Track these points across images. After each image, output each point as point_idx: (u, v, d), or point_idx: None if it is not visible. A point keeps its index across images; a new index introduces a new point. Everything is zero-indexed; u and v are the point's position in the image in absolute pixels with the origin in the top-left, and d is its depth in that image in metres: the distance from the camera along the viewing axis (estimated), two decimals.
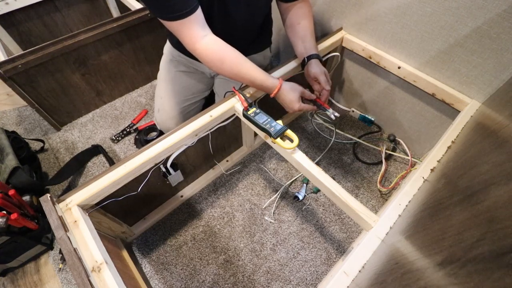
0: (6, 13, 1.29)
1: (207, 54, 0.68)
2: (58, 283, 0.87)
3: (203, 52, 0.67)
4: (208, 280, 0.86)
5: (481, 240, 0.28)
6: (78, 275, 0.52)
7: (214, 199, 1.03)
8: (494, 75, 0.73)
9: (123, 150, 1.18)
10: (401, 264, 0.41)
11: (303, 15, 0.83)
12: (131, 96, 1.38)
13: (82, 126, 1.26)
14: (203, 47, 0.67)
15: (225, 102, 0.80)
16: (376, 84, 1.06)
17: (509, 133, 0.43)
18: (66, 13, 1.49)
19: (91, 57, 1.15)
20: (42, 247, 0.89)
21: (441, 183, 0.56)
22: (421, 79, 0.87)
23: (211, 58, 0.68)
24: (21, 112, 1.31)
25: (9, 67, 0.95)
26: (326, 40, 0.99)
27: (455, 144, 0.71)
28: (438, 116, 0.93)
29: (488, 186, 0.35)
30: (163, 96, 0.99)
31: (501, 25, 0.66)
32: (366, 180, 1.06)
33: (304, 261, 0.89)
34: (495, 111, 0.63)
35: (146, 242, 0.94)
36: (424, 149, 1.05)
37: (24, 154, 1.00)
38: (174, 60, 0.97)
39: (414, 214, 0.55)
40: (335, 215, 0.98)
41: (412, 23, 0.82)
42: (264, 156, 1.14)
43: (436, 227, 0.40)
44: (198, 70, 0.98)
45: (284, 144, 0.68)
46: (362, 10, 0.92)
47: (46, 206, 0.59)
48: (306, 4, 0.84)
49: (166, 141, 0.73)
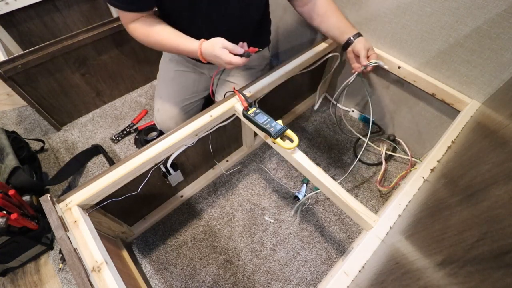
0: (6, 13, 1.29)
1: (135, 29, 0.71)
2: (58, 283, 0.87)
3: (132, 27, 0.71)
4: (208, 280, 0.86)
5: (481, 240, 0.28)
6: (78, 275, 0.52)
7: (214, 199, 1.03)
8: (494, 75, 0.73)
9: (123, 150, 1.18)
10: (401, 264, 0.41)
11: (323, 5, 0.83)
12: (131, 96, 1.38)
13: (82, 126, 1.26)
14: (133, 25, 0.71)
15: (225, 102, 0.80)
16: (376, 84, 1.06)
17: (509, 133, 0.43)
18: (66, 13, 1.49)
19: (91, 57, 1.15)
20: (42, 247, 0.89)
21: (441, 183, 0.56)
22: (421, 79, 0.87)
23: (139, 32, 0.71)
24: (21, 112, 1.31)
25: (9, 67, 0.95)
26: (326, 40, 0.99)
27: (455, 144, 0.71)
28: (438, 116, 0.93)
29: (488, 186, 0.35)
30: (162, 95, 0.99)
31: (501, 25, 0.66)
32: (366, 180, 1.06)
33: (304, 261, 0.89)
34: (495, 111, 0.63)
35: (146, 242, 0.94)
36: (424, 149, 1.05)
37: (24, 154, 1.00)
38: (173, 60, 0.97)
39: (414, 214, 0.55)
40: (335, 215, 0.98)
41: (412, 23, 0.82)
42: (264, 156, 1.14)
43: (436, 227, 0.40)
44: (197, 69, 0.98)
45: (284, 144, 0.68)
46: (362, 10, 0.92)
47: (46, 206, 0.59)
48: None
49: (166, 141, 0.73)
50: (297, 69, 0.93)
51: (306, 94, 1.28)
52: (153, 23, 0.71)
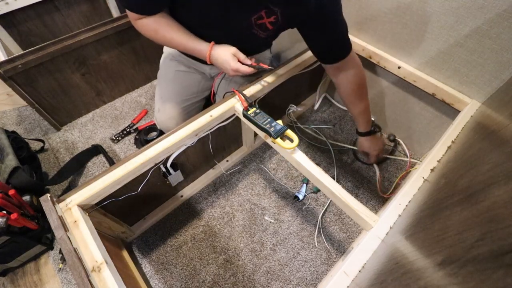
0: (6, 13, 1.29)
1: (143, 25, 0.70)
2: (58, 283, 0.87)
3: (139, 23, 0.70)
4: (208, 280, 0.86)
5: (481, 240, 0.28)
6: (78, 275, 0.52)
7: (214, 199, 1.03)
8: (494, 75, 0.73)
9: (123, 150, 1.18)
10: (401, 264, 0.41)
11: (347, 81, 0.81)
12: (131, 96, 1.38)
13: (82, 126, 1.26)
14: (141, 21, 0.70)
15: (225, 102, 0.80)
16: (376, 84, 1.06)
17: (509, 133, 0.43)
18: (66, 13, 1.49)
19: (91, 57, 1.15)
20: (42, 247, 0.89)
21: (441, 183, 0.56)
22: (421, 79, 0.87)
23: (146, 28, 0.71)
24: (21, 112, 1.31)
25: (9, 67, 0.95)
26: None
27: (455, 144, 0.71)
28: (438, 116, 0.93)
29: (488, 186, 0.35)
30: (163, 96, 0.99)
31: (501, 25, 0.66)
32: (366, 180, 1.06)
33: (304, 261, 0.89)
34: (495, 111, 0.63)
35: (146, 242, 0.94)
36: (424, 149, 1.05)
37: (24, 154, 0.99)
38: (174, 60, 0.97)
39: (414, 214, 0.55)
40: (335, 215, 0.98)
41: (412, 23, 0.82)
42: (264, 156, 1.14)
43: (436, 227, 0.40)
44: (198, 70, 0.98)
45: (284, 144, 0.68)
46: (362, 10, 0.92)
47: (46, 206, 0.59)
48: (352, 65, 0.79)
49: (166, 141, 0.73)
50: (297, 69, 0.93)
51: (306, 94, 1.28)
52: (161, 20, 0.71)
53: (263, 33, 0.72)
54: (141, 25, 0.71)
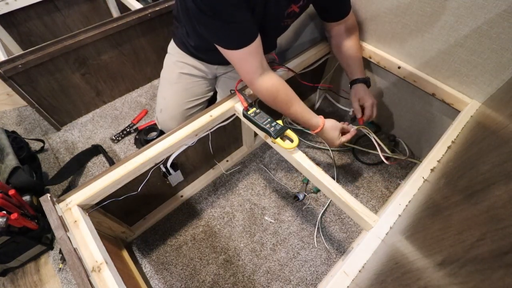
0: (6, 13, 1.29)
1: (262, 90, 0.73)
2: (58, 283, 0.87)
3: (258, 89, 0.73)
4: (208, 280, 0.86)
5: (481, 240, 0.28)
6: (78, 275, 0.52)
7: (214, 199, 1.03)
8: (494, 75, 0.73)
9: (123, 150, 1.18)
10: (401, 264, 0.41)
11: (347, 36, 0.88)
12: (131, 96, 1.38)
13: (82, 126, 1.26)
14: (259, 83, 0.72)
15: (225, 102, 0.81)
16: (376, 84, 1.06)
17: (509, 133, 0.42)
18: (66, 13, 1.49)
19: (91, 57, 1.15)
20: (42, 247, 0.89)
21: (441, 183, 0.56)
22: (421, 79, 0.87)
23: (265, 94, 0.74)
24: (21, 112, 1.31)
25: (9, 67, 0.95)
26: (326, 40, 0.99)
27: (455, 144, 0.71)
28: (438, 116, 0.93)
29: (488, 186, 0.35)
30: (166, 97, 0.99)
31: (501, 25, 0.66)
32: (366, 180, 1.06)
33: (304, 261, 0.89)
34: (495, 111, 0.63)
35: (146, 242, 0.94)
36: (424, 149, 1.05)
37: (24, 154, 0.99)
38: (178, 62, 0.97)
39: (414, 214, 0.55)
40: (335, 215, 0.98)
41: (412, 23, 0.82)
42: (264, 156, 1.14)
43: (436, 227, 0.40)
44: (201, 71, 0.98)
45: (284, 144, 0.68)
46: (362, 10, 0.92)
47: (46, 206, 0.59)
48: (351, 23, 0.88)
49: (166, 141, 0.73)
50: (297, 69, 0.93)
51: (306, 94, 1.28)
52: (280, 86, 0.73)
53: (290, 20, 0.79)
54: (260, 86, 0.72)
